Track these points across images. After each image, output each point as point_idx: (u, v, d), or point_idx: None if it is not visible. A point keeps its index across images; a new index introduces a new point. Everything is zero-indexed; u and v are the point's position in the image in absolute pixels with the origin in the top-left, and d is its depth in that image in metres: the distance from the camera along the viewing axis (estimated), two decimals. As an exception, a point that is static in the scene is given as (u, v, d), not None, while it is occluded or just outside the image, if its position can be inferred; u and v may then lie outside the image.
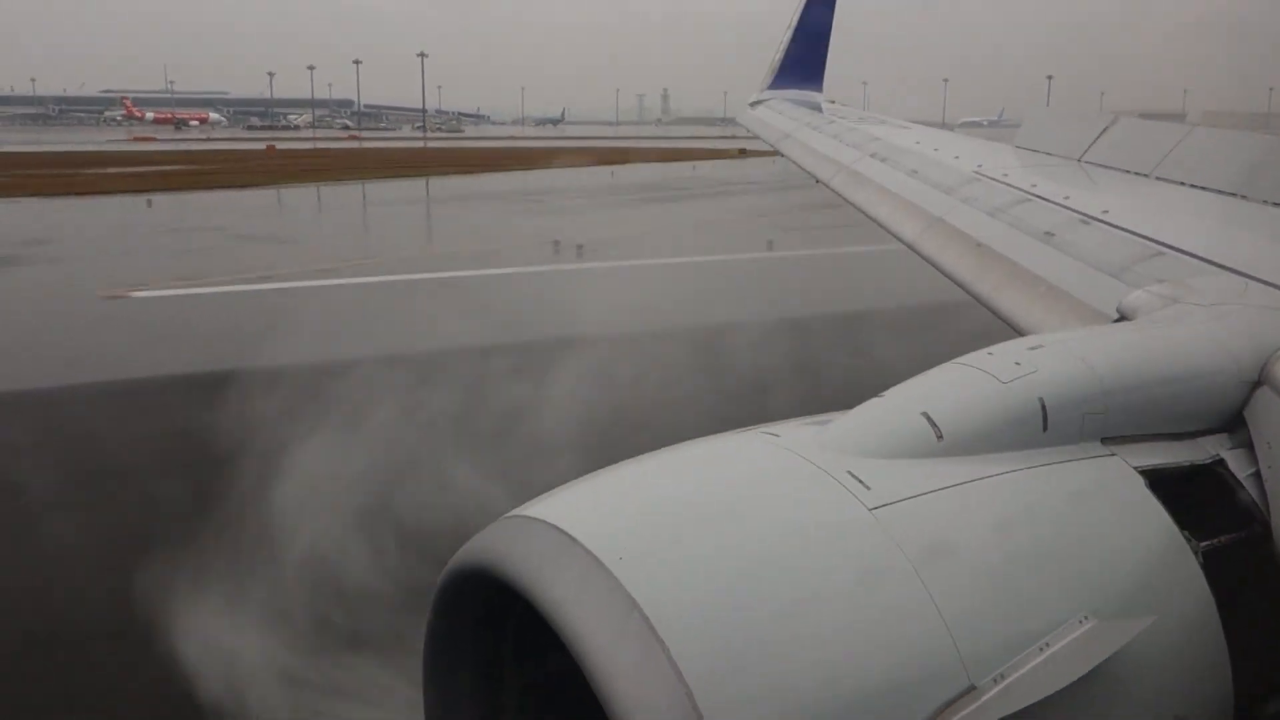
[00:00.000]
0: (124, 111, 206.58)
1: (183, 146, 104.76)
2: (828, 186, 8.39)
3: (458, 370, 15.59)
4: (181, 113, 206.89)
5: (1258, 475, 2.67)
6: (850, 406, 2.57)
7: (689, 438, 2.55)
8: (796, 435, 2.40)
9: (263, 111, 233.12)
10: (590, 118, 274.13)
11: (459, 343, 18.40)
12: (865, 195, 7.43)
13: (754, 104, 12.73)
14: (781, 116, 11.33)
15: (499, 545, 2.14)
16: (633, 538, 2.07)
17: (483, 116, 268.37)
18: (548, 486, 2.39)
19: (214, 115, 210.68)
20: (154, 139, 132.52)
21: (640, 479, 2.34)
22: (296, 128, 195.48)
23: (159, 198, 50.41)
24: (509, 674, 2.39)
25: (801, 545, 2.10)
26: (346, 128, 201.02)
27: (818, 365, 15.96)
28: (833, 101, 12.12)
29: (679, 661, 1.84)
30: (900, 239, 6.27)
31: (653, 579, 1.96)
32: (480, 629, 2.32)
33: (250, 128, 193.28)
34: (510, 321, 21.33)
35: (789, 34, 12.91)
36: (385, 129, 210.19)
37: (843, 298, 24.25)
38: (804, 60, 12.70)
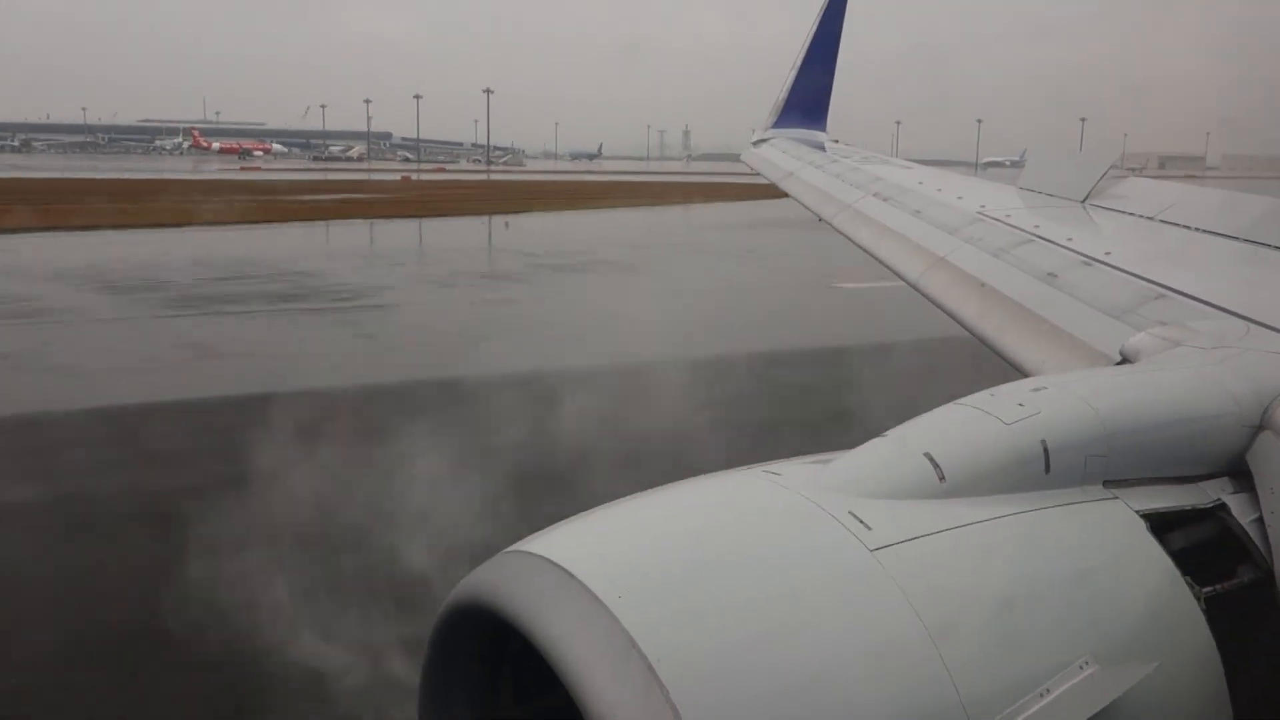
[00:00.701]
0: (190, 141, 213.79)
1: (315, 177, 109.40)
2: (830, 225, 8.42)
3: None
4: (247, 143, 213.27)
5: (1260, 520, 2.66)
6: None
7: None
8: (798, 474, 2.39)
9: (304, 143, 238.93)
10: (610, 152, 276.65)
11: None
12: (868, 234, 7.45)
13: (757, 142, 12.79)
14: (785, 155, 11.39)
15: (498, 581, 2.13)
16: (632, 576, 2.06)
17: (517, 150, 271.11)
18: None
19: (276, 146, 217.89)
20: (259, 168, 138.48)
21: (641, 516, 2.33)
22: (358, 159, 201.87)
23: (480, 222, 58.01)
24: (506, 711, 2.37)
25: (802, 586, 2.09)
26: (407, 159, 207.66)
27: None
28: (836, 141, 12.18)
29: (677, 702, 1.83)
30: (903, 278, 6.28)
31: (652, 618, 1.95)
32: (478, 665, 2.31)
33: (316, 158, 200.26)
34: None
35: (793, 73, 12.99)
36: (446, 161, 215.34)
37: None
38: (808, 99, 12.78)
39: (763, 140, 12.68)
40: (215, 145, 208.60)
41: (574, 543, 2.19)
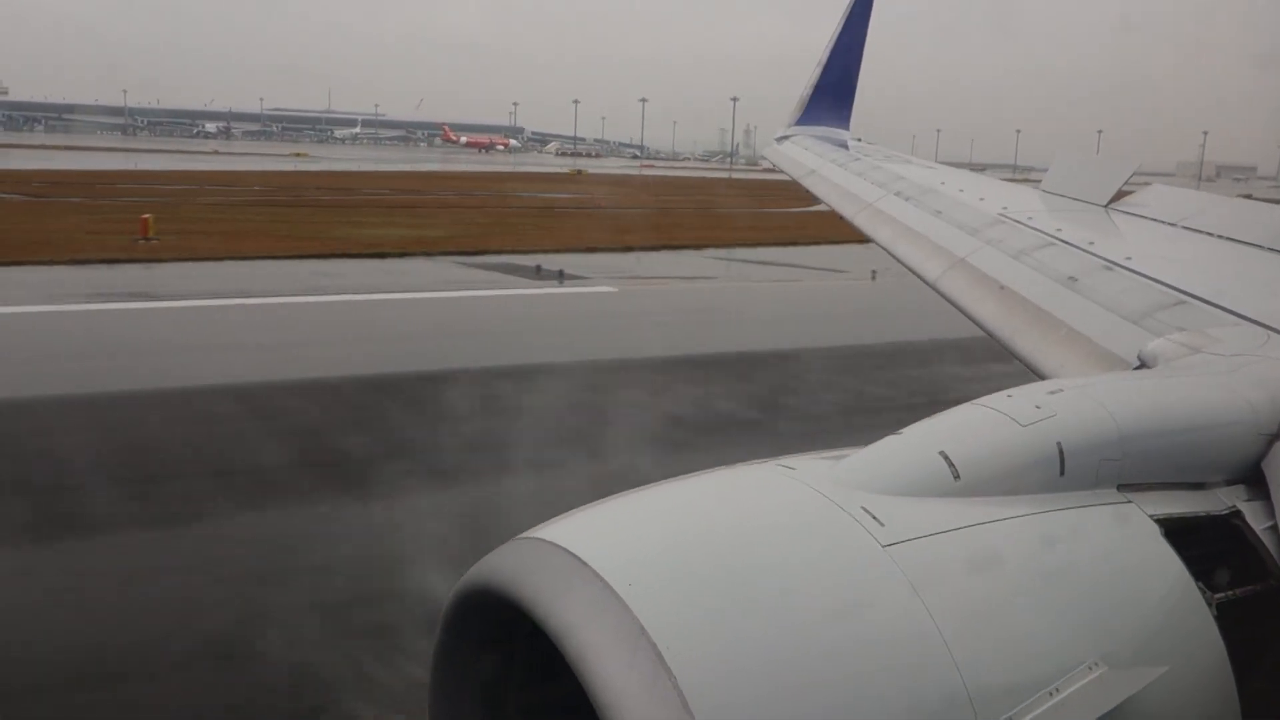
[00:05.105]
0: (441, 135, 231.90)
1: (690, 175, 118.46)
2: (850, 223, 8.39)
3: None
4: (495, 138, 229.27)
5: (1274, 528, 2.65)
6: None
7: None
8: (812, 469, 2.40)
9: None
10: (663, 147, 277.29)
11: None
12: (888, 233, 7.43)
13: (780, 139, 12.74)
14: (807, 152, 11.35)
15: (510, 567, 2.14)
16: (644, 565, 2.07)
17: (639, 148, 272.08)
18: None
19: (513, 141, 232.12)
20: (652, 165, 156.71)
21: (654, 506, 2.34)
22: (556, 155, 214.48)
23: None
24: (515, 696, 2.38)
25: (813, 580, 2.10)
26: (635, 157, 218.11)
27: None
28: (859, 139, 12.12)
29: (685, 691, 1.84)
30: (923, 278, 6.27)
31: (663, 607, 1.96)
32: (488, 650, 2.32)
33: (561, 153, 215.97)
34: None
35: (818, 71, 12.93)
36: (667, 160, 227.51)
37: None
38: (832, 97, 12.71)
39: (785, 137, 12.63)
40: (463, 139, 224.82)
41: (586, 530, 2.20)
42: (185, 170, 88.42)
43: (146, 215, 38.77)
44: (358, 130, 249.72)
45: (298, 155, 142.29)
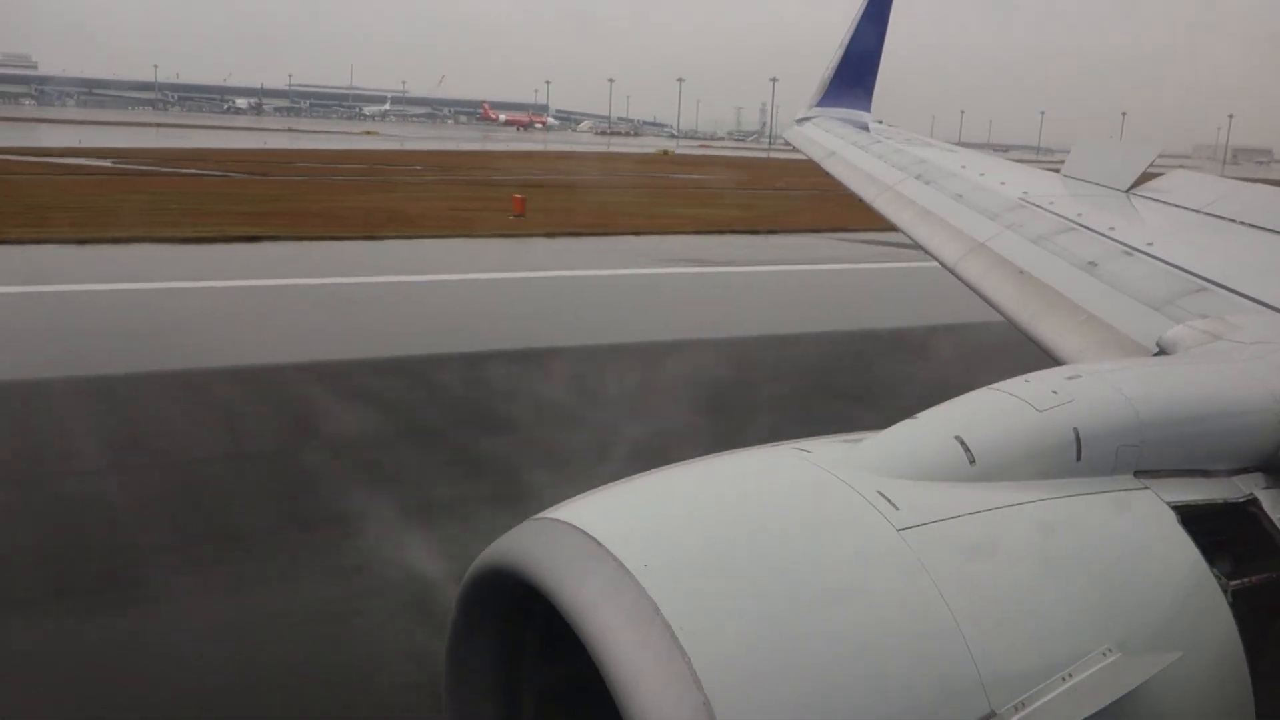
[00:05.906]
0: (480, 114, 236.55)
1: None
2: (870, 206, 8.37)
3: None
4: (533, 116, 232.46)
5: None
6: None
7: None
8: (827, 452, 2.40)
9: (471, 111, 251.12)
10: (687, 127, 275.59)
11: None
12: (908, 216, 7.40)
13: (801, 121, 12.68)
14: (828, 134, 11.29)
15: (526, 546, 2.16)
16: (659, 546, 2.08)
17: (663, 126, 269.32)
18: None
19: (550, 119, 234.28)
20: (708, 145, 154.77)
21: (670, 488, 2.35)
22: (595, 134, 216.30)
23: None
24: (529, 674, 2.41)
25: (827, 562, 2.10)
26: (672, 136, 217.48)
27: None
28: (880, 121, 12.05)
29: (699, 671, 1.85)
30: (941, 262, 6.25)
31: (677, 588, 1.97)
32: (503, 628, 2.34)
33: (599, 132, 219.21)
34: None
35: (839, 52, 12.86)
36: (701, 139, 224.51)
37: None
38: (853, 79, 12.64)
39: (806, 119, 12.56)
40: (501, 117, 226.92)
41: (602, 511, 2.21)
42: (311, 149, 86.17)
43: (518, 195, 39.38)
44: (387, 107, 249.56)
45: (368, 133, 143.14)
